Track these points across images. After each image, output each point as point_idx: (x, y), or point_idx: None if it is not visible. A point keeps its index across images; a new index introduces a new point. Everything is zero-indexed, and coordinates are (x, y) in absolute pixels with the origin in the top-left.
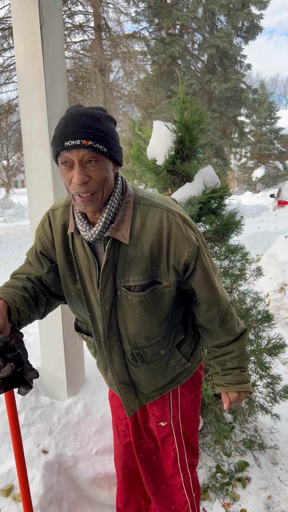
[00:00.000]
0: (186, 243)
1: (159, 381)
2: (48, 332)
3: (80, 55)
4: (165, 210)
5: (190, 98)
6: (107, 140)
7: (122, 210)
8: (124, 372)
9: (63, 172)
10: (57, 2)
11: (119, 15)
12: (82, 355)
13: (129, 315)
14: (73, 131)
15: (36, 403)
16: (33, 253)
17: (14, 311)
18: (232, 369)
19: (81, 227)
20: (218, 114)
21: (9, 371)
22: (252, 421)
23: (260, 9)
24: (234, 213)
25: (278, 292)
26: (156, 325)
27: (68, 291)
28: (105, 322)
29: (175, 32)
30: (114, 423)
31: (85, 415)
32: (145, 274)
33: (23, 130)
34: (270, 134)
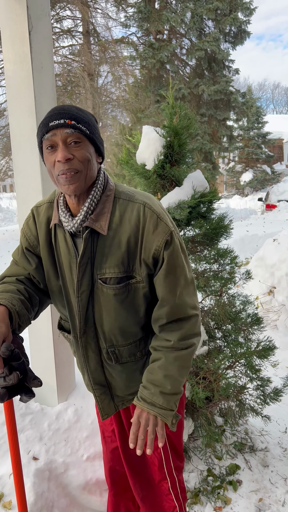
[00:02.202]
0: (155, 236)
1: (134, 384)
2: (38, 336)
3: (69, 60)
4: (142, 204)
5: (179, 103)
6: (89, 124)
7: (102, 202)
8: (100, 372)
9: (47, 156)
10: (45, 7)
11: (107, 20)
12: (72, 360)
13: (104, 310)
14: (57, 113)
15: (26, 409)
16: (19, 252)
17: (15, 315)
18: (153, 385)
19: (64, 218)
20: (207, 118)
21: (15, 379)
22: (242, 423)
23: (247, 15)
24: (223, 217)
25: (267, 295)
26: (132, 323)
27: (51, 287)
28: (81, 315)
29: (164, 38)
30: (101, 429)
31: (76, 421)
32: (120, 267)
33: (12, 135)
34: (257, 138)
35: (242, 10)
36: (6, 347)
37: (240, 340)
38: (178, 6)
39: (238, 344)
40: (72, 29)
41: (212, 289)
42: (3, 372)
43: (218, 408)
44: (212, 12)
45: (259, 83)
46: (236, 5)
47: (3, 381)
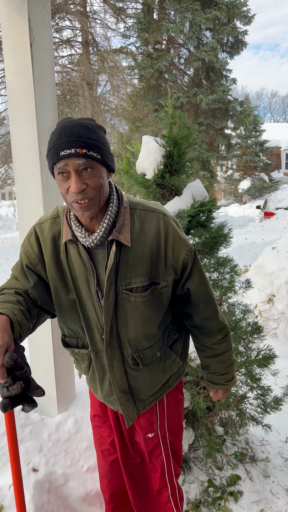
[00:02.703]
0: (183, 244)
1: (158, 383)
2: (38, 346)
3: (68, 69)
4: (161, 214)
5: (178, 113)
6: (100, 148)
7: (122, 215)
8: (124, 379)
9: (59, 182)
10: (46, 20)
11: (106, 31)
12: (72, 370)
13: (130, 317)
14: (67, 141)
15: (26, 420)
16: (18, 268)
17: (16, 325)
18: (230, 366)
19: (80, 234)
20: (204, 127)
21: (19, 389)
22: (243, 433)
23: (245, 24)
24: (223, 226)
25: (266, 303)
26: (156, 324)
27: (60, 303)
28: (107, 328)
29: (162, 47)
30: (97, 443)
31: (76, 431)
32: (145, 275)
33: (13, 145)
34: (255, 146)
35: (240, 18)
36: (10, 357)
37: (240, 349)
38: (177, 16)
39: (239, 353)
40: (72, 39)
41: None
42: (6, 382)
43: (218, 418)
44: (210, 22)
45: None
46: (234, 13)
47: (6, 391)
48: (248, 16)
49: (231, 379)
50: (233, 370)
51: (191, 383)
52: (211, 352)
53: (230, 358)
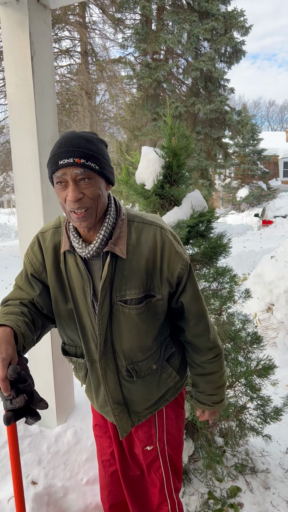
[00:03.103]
0: (179, 258)
1: (153, 396)
2: (37, 357)
3: (67, 79)
4: (158, 227)
5: (177, 124)
6: (99, 159)
7: (119, 227)
8: (118, 391)
9: (58, 191)
10: (47, 33)
11: (105, 41)
12: (71, 381)
13: (125, 329)
14: (66, 151)
15: (25, 431)
16: (22, 277)
17: (20, 337)
18: (219, 388)
19: (77, 245)
20: (202, 136)
21: (22, 402)
22: (243, 444)
23: (242, 34)
24: (222, 235)
25: (265, 312)
26: (151, 337)
27: (59, 312)
28: (101, 338)
29: (160, 57)
30: (99, 453)
31: (75, 443)
32: (140, 288)
33: (13, 157)
34: (253, 155)
35: (237, 29)
36: (13, 370)
37: (239, 359)
38: (175, 27)
39: (238, 363)
40: (70, 49)
41: (211, 308)
42: (10, 395)
43: (218, 428)
44: (208, 33)
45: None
46: (231, 24)
47: (10, 404)
48: (245, 26)
49: (219, 402)
50: (222, 392)
51: (190, 394)
52: (200, 370)
53: (220, 380)
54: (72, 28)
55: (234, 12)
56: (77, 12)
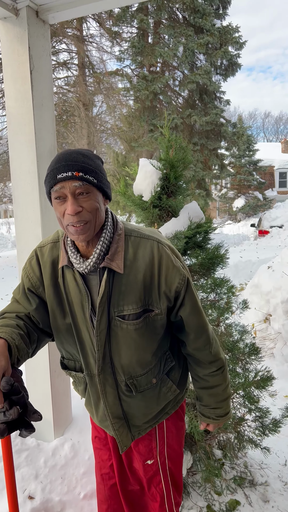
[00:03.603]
0: (176, 272)
1: (152, 410)
2: (35, 369)
3: (64, 90)
4: (156, 241)
5: (174, 137)
6: (96, 173)
7: (115, 242)
8: (118, 405)
9: (56, 206)
10: (46, 48)
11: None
12: (69, 393)
13: (123, 344)
14: (64, 165)
15: (22, 445)
16: (20, 291)
17: (14, 349)
18: (223, 401)
19: (75, 260)
20: (199, 147)
21: (15, 414)
22: (242, 456)
23: (237, 49)
24: (219, 246)
25: (263, 323)
26: (150, 352)
27: (57, 326)
28: (99, 353)
29: (157, 70)
30: (97, 466)
31: (73, 457)
32: (138, 303)
33: (12, 169)
34: (249, 165)
35: (232, 44)
36: (6, 381)
37: (238, 371)
38: (171, 41)
39: (236, 374)
40: (68, 61)
41: (209, 319)
42: (3, 407)
43: (216, 441)
44: (203, 47)
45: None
46: (226, 39)
47: (3, 416)
48: (239, 42)
49: (223, 415)
50: (226, 405)
51: (189, 406)
52: (203, 383)
53: (224, 392)
54: (70, 41)
55: (229, 28)
56: (74, 25)
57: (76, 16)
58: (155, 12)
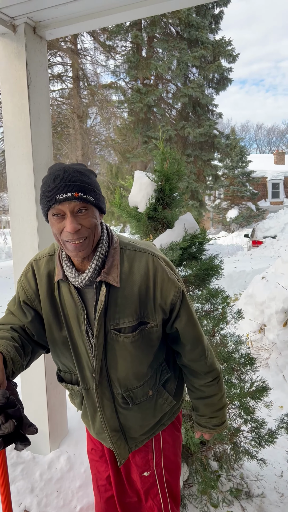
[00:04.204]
0: (171, 284)
1: (149, 422)
2: (30, 381)
3: (59, 103)
4: (151, 254)
5: (169, 150)
6: (94, 191)
7: (111, 256)
8: (115, 418)
9: (54, 223)
10: (43, 63)
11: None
12: (65, 405)
13: (119, 357)
14: (63, 185)
15: (18, 458)
16: (15, 303)
17: (9, 361)
18: (219, 410)
19: (70, 274)
20: (192, 159)
21: (11, 428)
22: (238, 468)
23: (230, 62)
24: (214, 257)
25: (257, 333)
26: (146, 364)
27: (53, 339)
28: (97, 367)
29: (150, 83)
30: (94, 478)
31: (68, 469)
32: (134, 316)
33: (9, 181)
34: (242, 177)
35: (225, 57)
36: (2, 394)
37: (233, 381)
38: (165, 54)
39: (232, 385)
40: (62, 74)
41: (204, 329)
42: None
43: (212, 452)
44: (197, 60)
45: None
46: (219, 52)
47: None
48: (232, 55)
49: (220, 424)
50: (222, 414)
51: (185, 417)
52: (199, 393)
53: (220, 402)
54: (64, 54)
55: (222, 41)
56: (69, 39)
57: (72, 33)
58: (149, 27)
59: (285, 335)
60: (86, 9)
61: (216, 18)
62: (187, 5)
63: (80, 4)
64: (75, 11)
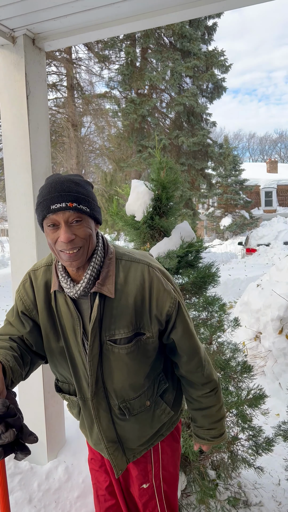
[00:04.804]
0: (167, 295)
1: (146, 433)
2: (28, 390)
3: (53, 111)
4: (146, 265)
5: (165, 159)
6: (89, 201)
7: (106, 266)
8: (112, 429)
9: (48, 233)
10: (42, 74)
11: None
12: (62, 414)
13: (115, 368)
14: (58, 195)
15: (15, 468)
16: (13, 313)
17: (9, 371)
18: (217, 422)
19: (65, 284)
20: (186, 167)
21: (11, 437)
22: (235, 476)
23: (223, 72)
24: (210, 265)
25: (253, 340)
26: (143, 375)
27: (51, 349)
28: (92, 378)
29: (144, 92)
30: (94, 488)
31: (66, 480)
32: (129, 327)
33: (7, 190)
34: (235, 185)
35: (218, 67)
36: (2, 403)
37: (230, 389)
38: (159, 65)
39: (229, 393)
40: (57, 83)
41: (201, 337)
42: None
43: (210, 461)
44: (190, 70)
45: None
46: (212, 62)
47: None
48: (225, 65)
49: (218, 436)
50: (221, 426)
51: (183, 426)
52: (197, 404)
53: (218, 413)
54: (59, 63)
55: (215, 52)
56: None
57: (70, 44)
58: (143, 38)
59: (281, 342)
60: (84, 22)
61: (209, 29)
62: (180, 19)
63: (79, 17)
64: (74, 23)
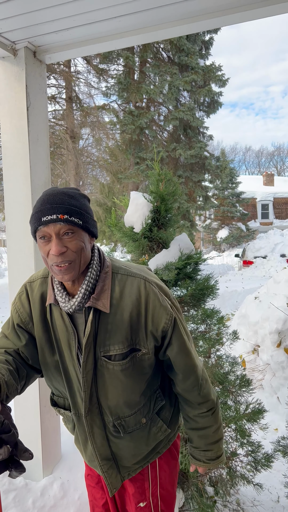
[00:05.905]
0: (163, 311)
1: (142, 451)
2: (24, 403)
3: (52, 123)
4: (142, 279)
5: (164, 171)
6: (82, 214)
7: (102, 280)
8: (106, 446)
9: (41, 245)
10: (42, 86)
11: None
12: (58, 429)
13: (110, 385)
14: (49, 208)
15: (10, 485)
16: (9, 326)
17: (3, 385)
18: (213, 443)
19: (60, 298)
20: (183, 180)
21: (6, 454)
22: (234, 493)
23: (220, 86)
24: (209, 277)
25: (251, 354)
26: (138, 392)
27: (46, 363)
28: (86, 394)
29: (142, 105)
30: (91, 504)
31: (62, 497)
32: (125, 343)
33: (6, 201)
34: (232, 197)
35: (215, 81)
36: None
37: (229, 403)
38: (157, 79)
39: (228, 407)
40: (56, 95)
41: (200, 351)
42: None
43: (208, 477)
44: (188, 84)
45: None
46: (210, 77)
47: None
48: (222, 79)
49: (214, 458)
50: (218, 448)
51: (182, 441)
52: (193, 424)
53: (215, 435)
54: (58, 76)
55: (212, 66)
56: (62, 62)
57: (71, 57)
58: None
59: (279, 356)
60: (86, 35)
61: (206, 44)
62: (180, 34)
63: (81, 30)
64: (75, 37)
